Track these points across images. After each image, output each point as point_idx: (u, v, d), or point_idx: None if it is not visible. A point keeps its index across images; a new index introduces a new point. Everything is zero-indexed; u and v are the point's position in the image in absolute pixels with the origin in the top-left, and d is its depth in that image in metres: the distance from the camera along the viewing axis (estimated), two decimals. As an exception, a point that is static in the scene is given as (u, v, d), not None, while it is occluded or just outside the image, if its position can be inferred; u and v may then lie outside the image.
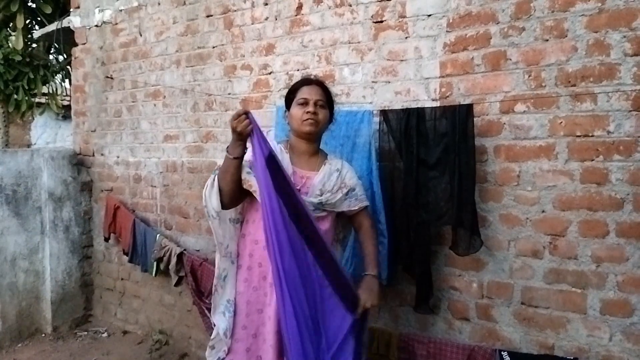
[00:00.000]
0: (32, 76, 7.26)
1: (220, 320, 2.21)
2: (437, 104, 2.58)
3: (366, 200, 2.37)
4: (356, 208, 2.30)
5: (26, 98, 7.38)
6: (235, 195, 2.12)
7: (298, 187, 2.16)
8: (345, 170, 2.30)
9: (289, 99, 2.28)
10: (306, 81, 2.29)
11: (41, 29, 5.50)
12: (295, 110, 2.21)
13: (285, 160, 2.21)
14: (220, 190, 2.08)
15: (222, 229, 2.18)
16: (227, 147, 2.05)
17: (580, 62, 2.22)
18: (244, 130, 1.95)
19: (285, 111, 2.31)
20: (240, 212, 2.26)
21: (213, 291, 2.25)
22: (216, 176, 2.10)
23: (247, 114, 1.95)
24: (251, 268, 2.19)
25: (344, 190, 2.25)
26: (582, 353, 2.23)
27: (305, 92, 2.21)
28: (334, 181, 2.23)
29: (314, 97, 2.20)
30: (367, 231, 2.34)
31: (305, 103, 2.19)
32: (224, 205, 2.11)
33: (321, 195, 2.19)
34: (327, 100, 2.27)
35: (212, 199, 2.09)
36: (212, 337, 2.23)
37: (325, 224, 2.22)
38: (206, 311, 3.47)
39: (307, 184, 2.22)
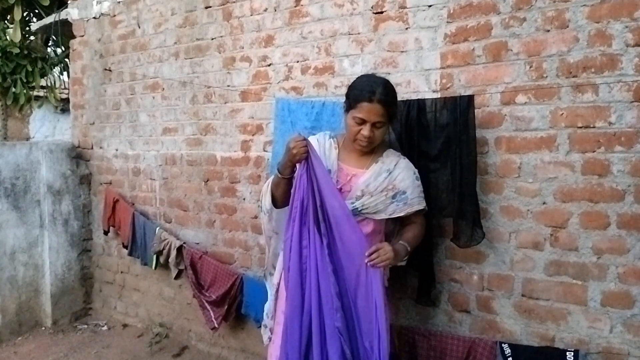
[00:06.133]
0: (30, 69, 7.21)
1: (268, 301, 2.45)
2: (437, 95, 2.56)
3: (419, 204, 2.20)
4: (402, 214, 2.16)
5: (24, 91, 7.35)
6: (286, 201, 2.20)
7: (340, 186, 2.14)
8: (398, 171, 2.16)
9: (348, 103, 2.12)
10: (369, 97, 2.03)
11: (39, 21, 5.48)
12: (351, 123, 2.09)
13: (332, 156, 2.20)
14: (272, 195, 2.26)
15: (270, 223, 2.35)
16: (278, 166, 2.17)
17: (581, 52, 2.20)
18: (299, 155, 2.00)
19: (344, 107, 2.17)
20: None
21: (265, 278, 2.56)
22: (270, 183, 2.27)
23: (306, 140, 2.00)
24: None
25: (389, 193, 2.12)
26: (582, 345, 2.23)
27: (364, 111, 2.04)
28: (379, 182, 2.13)
29: (373, 118, 2.04)
30: (411, 225, 2.23)
31: (361, 123, 2.06)
32: (277, 206, 2.27)
33: (361, 197, 2.11)
34: (389, 116, 2.10)
35: (265, 200, 2.31)
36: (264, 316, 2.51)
37: (367, 228, 2.15)
38: (206, 304, 3.47)
39: (352, 181, 2.17)
